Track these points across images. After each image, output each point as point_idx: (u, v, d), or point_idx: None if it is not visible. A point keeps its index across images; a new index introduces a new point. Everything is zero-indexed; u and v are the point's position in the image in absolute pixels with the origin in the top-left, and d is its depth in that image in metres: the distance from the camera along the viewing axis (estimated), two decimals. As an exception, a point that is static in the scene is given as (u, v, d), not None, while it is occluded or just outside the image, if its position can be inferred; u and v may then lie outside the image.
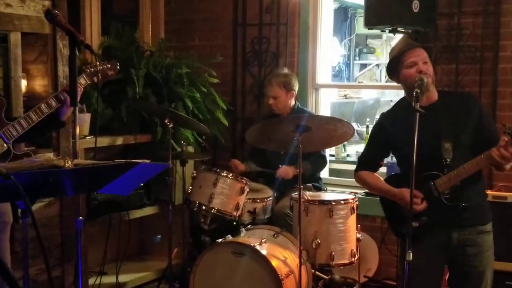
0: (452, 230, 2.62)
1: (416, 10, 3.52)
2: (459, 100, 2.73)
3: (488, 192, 3.46)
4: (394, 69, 2.70)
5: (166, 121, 3.66)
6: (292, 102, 3.99)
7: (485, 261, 2.67)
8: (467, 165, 2.54)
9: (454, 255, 2.66)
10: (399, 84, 2.75)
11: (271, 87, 3.95)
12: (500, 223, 3.37)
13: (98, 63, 2.76)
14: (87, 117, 3.75)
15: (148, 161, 2.02)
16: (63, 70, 3.32)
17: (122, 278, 3.96)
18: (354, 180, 2.99)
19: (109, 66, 2.86)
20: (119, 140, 3.97)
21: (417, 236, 2.53)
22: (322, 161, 4.01)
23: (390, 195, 2.74)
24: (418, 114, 2.44)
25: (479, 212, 2.66)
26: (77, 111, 2.40)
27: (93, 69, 2.73)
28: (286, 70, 4.10)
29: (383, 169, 3.65)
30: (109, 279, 3.89)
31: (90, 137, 3.72)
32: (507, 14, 3.70)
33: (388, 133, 2.78)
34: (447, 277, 2.85)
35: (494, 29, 3.72)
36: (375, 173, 2.90)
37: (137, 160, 1.97)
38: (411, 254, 2.43)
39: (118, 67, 2.91)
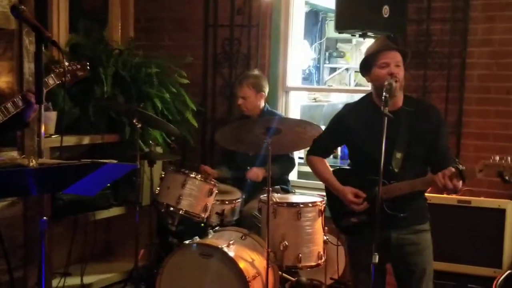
0: (390, 229, 2.69)
1: (386, 16, 3.56)
2: (422, 111, 2.74)
3: (453, 196, 3.53)
4: (367, 65, 2.72)
5: (134, 121, 3.62)
6: (262, 103, 3.99)
7: (425, 259, 2.75)
8: (412, 183, 2.62)
9: (394, 253, 2.73)
10: (369, 82, 2.78)
11: (241, 87, 3.95)
12: (464, 226, 3.45)
13: (68, 63, 2.71)
14: (53, 115, 3.68)
15: (115, 161, 1.99)
16: (29, 67, 3.24)
17: (87, 279, 3.89)
18: (322, 182, 3.00)
19: (79, 66, 2.80)
20: (86, 140, 3.90)
21: (357, 231, 2.64)
22: (290, 163, 4.02)
23: (334, 189, 2.82)
24: (386, 118, 2.47)
25: (416, 214, 2.74)
26: (42, 109, 2.34)
27: (62, 69, 2.67)
28: (256, 72, 4.10)
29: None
30: (74, 280, 3.83)
31: (56, 136, 3.64)
32: (474, 22, 3.77)
33: (348, 127, 2.81)
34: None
35: (461, 36, 3.79)
36: (325, 160, 2.95)
37: (104, 160, 1.94)
38: (377, 256, 2.43)
39: (88, 67, 2.86)
